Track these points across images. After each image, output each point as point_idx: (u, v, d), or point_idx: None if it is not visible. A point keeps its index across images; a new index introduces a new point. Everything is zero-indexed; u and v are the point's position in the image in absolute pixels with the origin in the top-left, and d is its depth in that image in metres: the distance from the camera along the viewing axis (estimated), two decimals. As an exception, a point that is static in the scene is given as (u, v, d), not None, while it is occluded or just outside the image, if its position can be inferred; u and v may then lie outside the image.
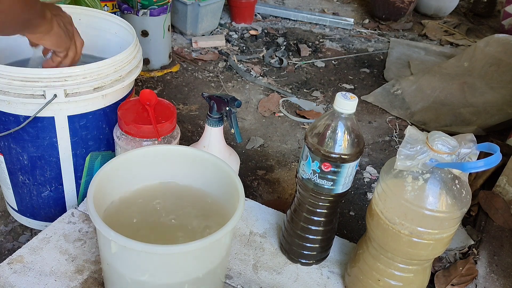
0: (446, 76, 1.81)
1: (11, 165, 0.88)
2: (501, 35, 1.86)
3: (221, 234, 0.57)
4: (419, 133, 0.61)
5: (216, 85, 1.73)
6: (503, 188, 1.16)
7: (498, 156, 0.55)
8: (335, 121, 0.66)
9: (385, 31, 2.45)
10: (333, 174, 0.68)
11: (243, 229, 0.87)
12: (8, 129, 0.81)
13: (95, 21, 0.99)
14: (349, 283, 0.76)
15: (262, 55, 2.00)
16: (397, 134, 1.56)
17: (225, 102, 0.80)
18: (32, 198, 0.93)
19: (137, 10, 1.59)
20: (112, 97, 0.86)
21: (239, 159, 0.89)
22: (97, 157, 0.91)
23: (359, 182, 1.31)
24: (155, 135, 0.82)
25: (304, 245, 0.78)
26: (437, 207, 0.60)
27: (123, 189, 0.70)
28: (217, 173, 0.70)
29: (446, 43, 2.37)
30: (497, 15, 2.82)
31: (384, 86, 1.82)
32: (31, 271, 0.73)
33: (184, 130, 1.43)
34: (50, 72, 0.76)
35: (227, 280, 0.76)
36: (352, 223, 1.16)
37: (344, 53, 2.13)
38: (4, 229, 1.02)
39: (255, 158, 1.36)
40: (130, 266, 0.59)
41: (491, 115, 1.60)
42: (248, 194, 1.19)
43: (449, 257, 1.01)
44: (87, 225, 0.83)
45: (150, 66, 1.73)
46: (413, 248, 0.64)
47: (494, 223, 1.10)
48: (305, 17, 2.41)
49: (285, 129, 1.52)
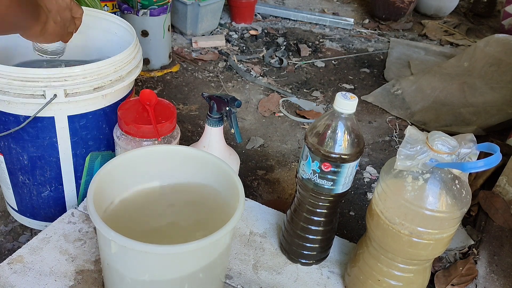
0: (446, 76, 1.81)
1: (11, 165, 0.88)
2: (501, 35, 1.86)
3: (221, 234, 0.57)
4: (419, 133, 0.61)
5: (216, 85, 1.73)
6: (503, 188, 1.16)
7: (498, 156, 0.55)
8: (335, 121, 0.66)
9: (385, 31, 2.45)
10: (333, 174, 0.68)
11: (243, 229, 0.87)
12: (8, 129, 0.81)
13: (95, 21, 0.99)
14: (349, 283, 0.76)
15: (262, 55, 2.00)
16: (397, 134, 1.56)
17: (225, 102, 0.80)
18: (32, 198, 0.93)
19: (137, 10, 1.59)
20: (112, 97, 0.86)
21: (239, 159, 0.89)
22: (97, 157, 0.91)
23: (359, 182, 1.31)
24: (155, 135, 0.82)
25: (304, 245, 0.78)
26: (437, 207, 0.60)
27: (123, 189, 0.70)
28: (217, 173, 0.70)
29: (446, 43, 2.37)
30: (497, 15, 2.82)
31: (384, 86, 1.82)
32: (31, 271, 0.73)
33: (184, 130, 1.43)
34: (50, 72, 0.76)
35: (227, 280, 0.76)
36: (352, 223, 1.16)
37: (344, 53, 2.13)
38: (4, 229, 1.02)
39: (255, 158, 1.36)
40: (130, 266, 0.59)
41: (491, 115, 1.60)
42: (248, 194, 1.19)
43: (449, 257, 1.01)
44: (87, 225, 0.83)
45: (150, 66, 1.73)
46: (413, 248, 0.64)
47: (494, 223, 1.10)
48: (305, 17, 2.41)
49: (285, 129, 1.52)
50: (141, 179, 0.73)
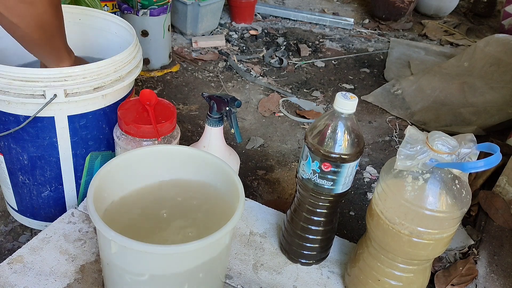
0: (446, 76, 1.81)
1: (11, 165, 0.88)
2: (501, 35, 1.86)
3: (221, 234, 0.57)
4: (419, 133, 0.61)
5: (216, 85, 1.73)
6: (503, 188, 1.16)
7: (498, 156, 0.55)
8: (335, 121, 0.66)
9: (385, 31, 2.45)
10: (333, 174, 0.68)
11: (243, 229, 0.87)
12: (8, 129, 0.81)
13: (95, 21, 0.99)
14: (349, 283, 0.76)
15: (262, 55, 2.00)
16: (397, 134, 1.56)
17: (225, 102, 0.80)
18: (32, 198, 0.93)
19: (137, 10, 1.59)
20: (112, 97, 0.86)
21: (239, 159, 0.89)
22: (97, 157, 0.91)
23: (359, 182, 1.31)
24: (155, 135, 0.82)
25: (304, 245, 0.78)
26: (437, 207, 0.60)
27: (123, 189, 0.70)
28: (217, 173, 0.70)
29: (446, 43, 2.37)
30: (497, 15, 2.82)
31: (384, 86, 1.82)
32: (31, 271, 0.73)
33: (184, 130, 1.43)
34: (50, 72, 0.76)
35: (227, 280, 0.76)
36: (352, 223, 1.16)
37: (344, 53, 2.13)
38: (4, 229, 1.02)
39: (255, 158, 1.36)
40: (130, 266, 0.59)
41: (491, 115, 1.60)
42: (248, 194, 1.19)
43: (449, 257, 1.01)
44: (87, 225, 0.83)
45: (150, 66, 1.73)
46: (413, 248, 0.64)
47: (494, 223, 1.10)
48: (305, 17, 2.41)
49: (285, 129, 1.52)
50: (141, 179, 0.73)
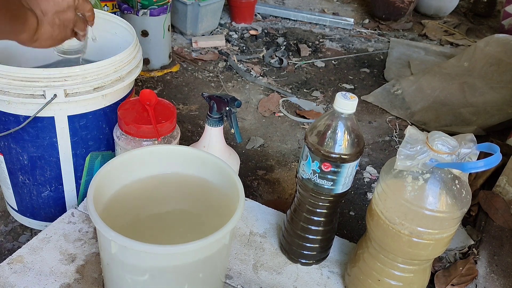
0: (446, 76, 1.81)
1: (11, 165, 0.88)
2: (501, 35, 1.86)
3: (221, 234, 0.57)
4: (419, 133, 0.61)
5: (216, 85, 1.73)
6: (503, 188, 1.16)
7: (498, 156, 0.55)
8: (335, 121, 0.66)
9: (385, 31, 2.45)
10: (333, 174, 0.68)
11: (243, 229, 0.87)
12: (8, 129, 0.81)
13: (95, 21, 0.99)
14: (349, 283, 0.76)
15: (262, 55, 2.00)
16: (397, 134, 1.56)
17: (225, 102, 0.80)
18: (32, 198, 0.93)
19: (137, 10, 1.59)
20: (112, 97, 0.86)
21: (239, 159, 0.89)
22: (97, 157, 0.91)
23: (359, 182, 1.31)
24: (155, 135, 0.82)
25: (304, 245, 0.78)
26: (437, 207, 0.60)
27: (123, 189, 0.70)
28: (217, 173, 0.70)
29: (446, 43, 2.37)
30: (497, 15, 2.82)
31: (384, 86, 1.82)
32: (31, 271, 0.73)
33: (184, 130, 1.43)
34: (50, 72, 0.76)
35: (227, 280, 0.76)
36: (352, 223, 1.16)
37: (344, 53, 2.13)
38: (4, 229, 1.02)
39: (255, 158, 1.36)
40: (130, 266, 0.59)
41: (491, 115, 1.60)
42: (248, 194, 1.19)
43: (449, 257, 1.01)
44: (87, 225, 0.83)
45: (150, 66, 1.73)
46: (413, 248, 0.64)
47: (494, 223, 1.10)
48: (305, 17, 2.41)
49: (285, 129, 1.52)
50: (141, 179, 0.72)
